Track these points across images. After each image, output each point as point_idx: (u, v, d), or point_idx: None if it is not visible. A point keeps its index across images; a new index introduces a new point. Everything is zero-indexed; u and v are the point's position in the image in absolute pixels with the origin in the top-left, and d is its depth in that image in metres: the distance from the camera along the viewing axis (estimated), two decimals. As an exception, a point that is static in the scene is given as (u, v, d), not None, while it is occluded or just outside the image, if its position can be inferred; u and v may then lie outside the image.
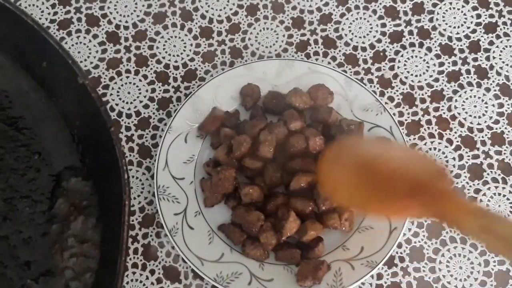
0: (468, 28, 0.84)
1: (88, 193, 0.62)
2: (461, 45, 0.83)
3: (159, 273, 0.72)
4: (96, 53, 0.83)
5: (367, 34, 0.84)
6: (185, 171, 0.74)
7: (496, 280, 0.71)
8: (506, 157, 0.77)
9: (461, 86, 0.80)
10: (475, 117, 0.79)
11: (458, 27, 0.84)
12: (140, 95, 0.81)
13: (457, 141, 0.77)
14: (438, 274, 0.71)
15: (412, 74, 0.81)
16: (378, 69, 0.81)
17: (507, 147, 0.77)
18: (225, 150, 0.73)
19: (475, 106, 0.79)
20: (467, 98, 0.80)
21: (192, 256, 0.70)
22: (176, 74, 0.82)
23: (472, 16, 0.84)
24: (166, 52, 0.83)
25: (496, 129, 0.78)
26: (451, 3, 0.85)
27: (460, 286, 0.71)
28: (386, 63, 0.82)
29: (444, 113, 0.79)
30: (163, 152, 0.74)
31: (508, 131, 0.78)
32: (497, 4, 0.85)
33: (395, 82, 0.81)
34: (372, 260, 0.69)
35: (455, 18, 0.84)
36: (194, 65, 0.82)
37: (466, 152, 0.77)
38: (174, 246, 0.70)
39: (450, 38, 0.83)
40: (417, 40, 0.83)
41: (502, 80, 0.81)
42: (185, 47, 0.83)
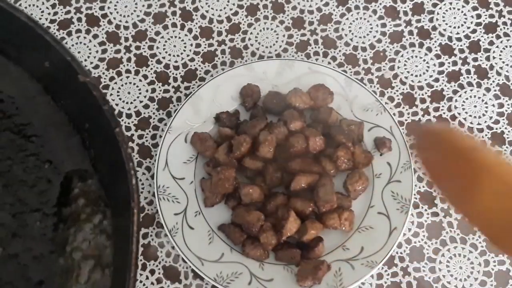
0: (468, 28, 0.84)
1: (102, 205, 0.56)
2: (461, 45, 0.83)
3: (159, 273, 0.72)
4: (96, 53, 0.83)
5: (367, 34, 0.84)
6: (185, 171, 0.74)
7: (496, 280, 0.71)
8: (506, 157, 0.76)
9: (461, 86, 0.80)
10: (475, 117, 0.79)
11: (458, 27, 0.84)
12: (140, 95, 0.81)
13: (457, 141, 0.77)
14: (438, 274, 0.71)
15: (412, 74, 0.81)
16: (378, 69, 0.81)
17: (507, 147, 0.77)
18: (225, 150, 0.73)
19: (475, 106, 0.79)
20: (467, 98, 0.80)
21: (192, 256, 0.70)
22: (176, 74, 0.82)
23: (472, 16, 0.84)
24: (166, 52, 0.83)
25: (496, 129, 0.78)
26: (451, 3, 0.85)
27: (460, 286, 0.71)
28: (386, 63, 0.82)
29: (444, 113, 0.79)
30: (163, 152, 0.74)
31: (508, 131, 0.78)
32: (497, 4, 0.85)
33: (395, 82, 0.81)
34: (372, 260, 0.69)
35: (455, 18, 0.84)
36: (194, 65, 0.82)
37: (466, 152, 0.77)
38: (174, 246, 0.70)
39: (450, 38, 0.83)
40: (417, 40, 0.83)
41: (502, 80, 0.81)
42: (185, 47, 0.83)
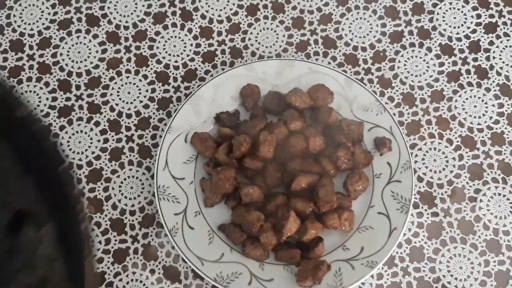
0: (468, 28, 0.84)
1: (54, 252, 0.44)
2: (461, 45, 0.83)
3: (159, 273, 0.72)
4: (96, 53, 0.83)
5: (367, 34, 0.84)
6: (185, 171, 0.74)
7: (496, 280, 0.71)
8: (506, 157, 0.77)
9: (461, 86, 0.80)
10: (475, 117, 0.79)
11: (458, 27, 0.84)
12: (140, 95, 0.81)
13: (457, 141, 0.77)
14: (438, 274, 0.71)
15: (412, 74, 0.81)
16: (378, 69, 0.81)
17: (507, 147, 0.77)
18: (225, 150, 0.73)
19: (475, 106, 0.79)
20: (467, 98, 0.80)
21: (192, 256, 0.70)
22: (176, 74, 0.82)
23: (472, 16, 0.84)
24: (166, 52, 0.83)
25: (496, 129, 0.78)
26: (451, 3, 0.85)
27: (460, 286, 0.71)
28: (386, 63, 0.82)
29: (444, 113, 0.79)
30: (163, 152, 0.74)
31: (508, 131, 0.78)
32: (497, 4, 0.85)
33: (395, 82, 0.81)
34: (372, 260, 0.69)
35: (455, 18, 0.84)
36: (194, 65, 0.82)
37: (466, 152, 0.77)
38: (174, 246, 0.70)
39: (450, 38, 0.83)
40: (417, 40, 0.83)
41: (502, 80, 0.81)
42: (185, 47, 0.83)
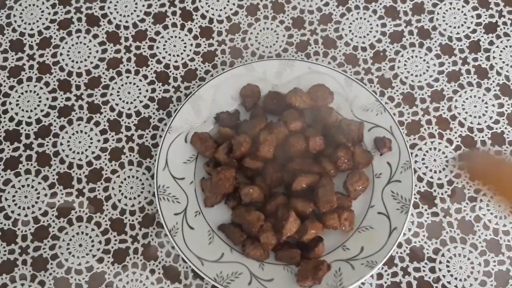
0: (468, 28, 0.84)
1: None
2: (461, 45, 0.83)
3: (159, 273, 0.72)
4: (96, 53, 0.83)
5: (367, 34, 0.84)
6: (185, 171, 0.74)
7: (496, 280, 0.71)
8: (506, 157, 0.76)
9: (461, 86, 0.80)
10: (475, 117, 0.79)
11: (458, 27, 0.84)
12: (140, 95, 0.81)
13: (457, 141, 0.77)
14: (438, 274, 0.71)
15: (412, 74, 0.81)
16: (378, 69, 0.81)
17: (507, 147, 0.77)
18: (225, 150, 0.73)
19: (475, 106, 0.79)
20: (467, 98, 0.80)
21: (192, 256, 0.70)
22: (176, 74, 0.82)
23: (472, 16, 0.84)
24: (166, 52, 0.83)
25: (496, 129, 0.78)
26: (451, 3, 0.85)
27: (460, 286, 0.71)
28: (386, 63, 0.82)
29: (444, 113, 0.79)
30: (163, 152, 0.74)
31: (508, 131, 0.78)
32: (497, 4, 0.85)
33: (395, 82, 0.81)
34: (372, 260, 0.69)
35: (455, 18, 0.84)
36: (194, 65, 0.82)
37: (466, 152, 0.77)
38: (174, 246, 0.70)
39: (450, 38, 0.83)
40: (417, 40, 0.83)
41: (502, 80, 0.81)
42: (185, 47, 0.83)
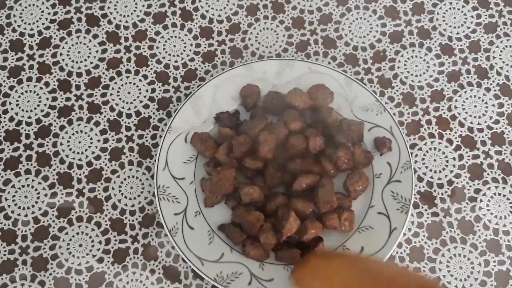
0: (468, 28, 0.84)
1: None
2: (461, 45, 0.83)
3: (159, 273, 0.72)
4: (96, 53, 0.83)
5: (367, 34, 0.84)
6: (185, 171, 0.74)
7: (496, 280, 0.71)
8: (506, 157, 0.77)
9: (461, 86, 0.80)
10: (475, 117, 0.79)
11: (458, 27, 0.84)
12: (140, 95, 0.81)
13: (457, 141, 0.77)
14: (438, 274, 0.71)
15: (412, 74, 0.81)
16: (378, 69, 0.81)
17: (507, 147, 0.77)
18: (225, 150, 0.73)
19: (475, 106, 0.79)
20: (467, 98, 0.80)
21: (192, 256, 0.70)
22: (176, 74, 0.82)
23: (472, 16, 0.84)
24: (166, 52, 0.83)
25: (496, 129, 0.78)
26: (451, 3, 0.85)
27: (460, 286, 0.71)
28: (386, 63, 0.82)
29: (444, 113, 0.79)
30: (163, 152, 0.74)
31: (508, 131, 0.78)
32: (497, 4, 0.85)
33: (395, 82, 0.81)
34: (372, 260, 0.69)
35: (455, 18, 0.84)
36: (194, 65, 0.82)
37: (466, 152, 0.77)
38: (174, 246, 0.70)
39: (450, 38, 0.83)
40: (417, 40, 0.83)
41: (502, 80, 0.81)
42: (185, 47, 0.83)
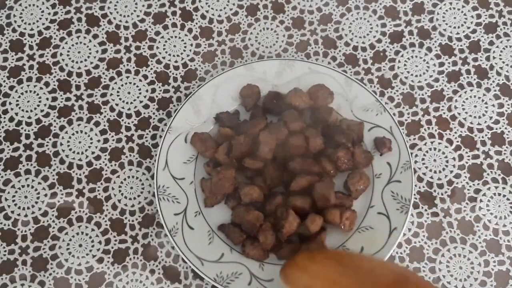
0: (468, 28, 0.84)
1: None
2: (461, 45, 0.83)
3: (159, 273, 0.72)
4: (96, 53, 0.83)
5: (367, 34, 0.84)
6: (185, 171, 0.74)
7: (496, 280, 0.71)
8: (506, 157, 0.77)
9: (461, 86, 0.80)
10: (475, 117, 0.79)
11: (458, 27, 0.84)
12: (140, 95, 0.81)
13: (457, 141, 0.77)
14: (438, 274, 0.71)
15: (412, 74, 0.81)
16: (378, 69, 0.81)
17: (507, 147, 0.77)
18: (225, 150, 0.73)
19: (475, 106, 0.79)
20: (467, 98, 0.80)
21: (192, 256, 0.70)
22: (176, 74, 0.82)
23: (472, 16, 0.84)
24: (166, 52, 0.83)
25: (496, 129, 0.78)
26: (451, 3, 0.85)
27: (460, 286, 0.71)
28: (386, 63, 0.82)
29: (444, 113, 0.79)
30: (163, 152, 0.74)
31: (508, 131, 0.78)
32: (497, 4, 0.85)
33: (395, 82, 0.81)
34: (372, 260, 0.69)
35: (455, 18, 0.84)
36: (194, 65, 0.82)
37: (466, 152, 0.77)
38: (174, 246, 0.70)
39: (450, 38, 0.83)
40: (417, 40, 0.83)
41: (502, 80, 0.81)
42: (185, 47, 0.83)
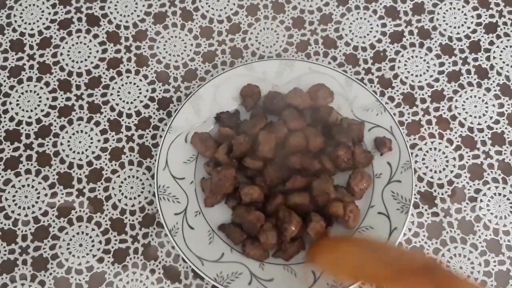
0: (469, 28, 0.84)
1: None
2: (461, 45, 0.83)
3: (159, 273, 0.72)
4: (96, 53, 0.83)
5: (368, 34, 0.84)
6: (185, 171, 0.74)
7: (496, 280, 0.71)
8: (506, 157, 0.77)
9: (462, 86, 0.80)
10: (475, 117, 0.79)
11: (459, 27, 0.84)
12: (140, 95, 0.81)
13: (457, 141, 0.77)
14: (438, 274, 0.71)
15: (412, 74, 0.81)
16: (379, 69, 0.81)
17: (507, 147, 0.77)
18: (225, 150, 0.73)
19: (475, 106, 0.79)
20: (467, 98, 0.80)
21: (192, 256, 0.70)
22: (177, 74, 0.82)
23: (473, 16, 0.84)
24: (166, 52, 0.83)
25: (496, 129, 0.78)
26: (451, 3, 0.85)
27: (460, 286, 0.71)
28: (386, 63, 0.82)
29: (444, 113, 0.79)
30: (163, 152, 0.74)
31: (508, 131, 0.78)
32: (497, 4, 0.85)
33: (395, 82, 0.81)
34: (372, 260, 0.69)
35: (455, 18, 0.84)
36: (195, 65, 0.82)
37: (466, 152, 0.77)
38: (174, 246, 0.70)
39: (450, 38, 0.83)
40: (417, 40, 0.83)
41: (503, 80, 0.81)
42: (185, 47, 0.83)
